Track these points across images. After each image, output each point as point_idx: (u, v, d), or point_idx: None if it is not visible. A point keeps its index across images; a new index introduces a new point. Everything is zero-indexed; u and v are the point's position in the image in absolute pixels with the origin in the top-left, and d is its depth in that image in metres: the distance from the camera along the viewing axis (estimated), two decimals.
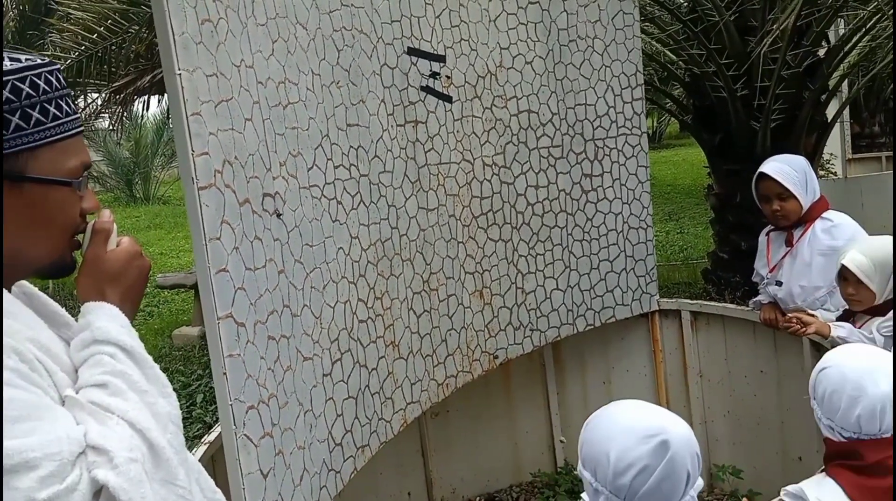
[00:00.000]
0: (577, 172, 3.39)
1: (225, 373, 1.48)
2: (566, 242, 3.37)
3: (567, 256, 3.37)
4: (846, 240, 2.69)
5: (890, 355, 1.55)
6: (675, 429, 1.27)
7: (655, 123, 23.52)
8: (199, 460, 1.78)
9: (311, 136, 2.08)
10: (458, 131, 2.96)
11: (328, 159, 2.20)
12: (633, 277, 3.54)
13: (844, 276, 2.44)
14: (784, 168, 2.88)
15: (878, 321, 2.42)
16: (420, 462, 3.58)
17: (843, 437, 1.48)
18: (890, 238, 2.42)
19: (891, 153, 9.01)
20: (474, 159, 3.03)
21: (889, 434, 1.44)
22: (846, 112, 8.41)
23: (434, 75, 2.85)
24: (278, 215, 1.79)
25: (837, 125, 7.80)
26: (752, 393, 3.22)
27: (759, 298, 3.10)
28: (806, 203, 2.85)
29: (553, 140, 3.32)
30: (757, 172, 2.94)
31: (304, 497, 1.83)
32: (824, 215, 2.84)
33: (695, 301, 3.60)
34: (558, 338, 3.37)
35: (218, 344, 1.46)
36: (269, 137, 1.82)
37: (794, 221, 2.87)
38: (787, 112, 4.75)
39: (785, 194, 2.83)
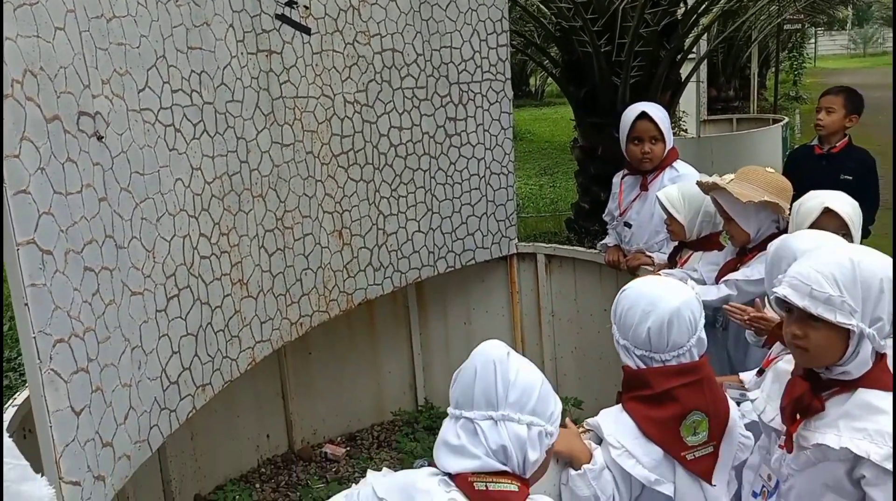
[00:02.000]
0: (442, 116, 3.38)
1: (27, 304, 1.36)
2: (429, 185, 3.38)
3: (430, 199, 3.39)
4: None
5: (687, 287, 1.68)
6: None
7: (537, 82, 24.02)
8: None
9: (142, 55, 1.93)
10: (317, 65, 2.86)
11: (164, 82, 2.06)
12: (494, 221, 3.62)
13: (663, 208, 2.62)
14: (659, 113, 3.02)
15: (704, 257, 2.61)
16: (280, 403, 3.54)
17: (636, 359, 1.59)
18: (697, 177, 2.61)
19: (741, 115, 9.69)
20: (334, 95, 2.95)
21: (674, 362, 1.56)
22: (704, 75, 8.94)
23: (291, 4, 2.72)
24: (99, 138, 1.66)
25: (692, 87, 8.28)
26: (596, 330, 3.42)
27: (606, 240, 3.27)
28: (667, 149, 3.00)
29: (418, 81, 3.29)
30: (635, 114, 3.01)
31: (130, 435, 1.75)
32: (674, 164, 3.00)
33: (549, 245, 3.74)
34: (419, 279, 3.41)
35: (18, 273, 1.34)
36: (88, 51, 1.66)
37: (655, 165, 3.01)
38: (645, 69, 4.95)
39: (657, 137, 2.97)
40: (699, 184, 2.52)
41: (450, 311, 3.84)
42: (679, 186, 2.70)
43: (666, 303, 1.56)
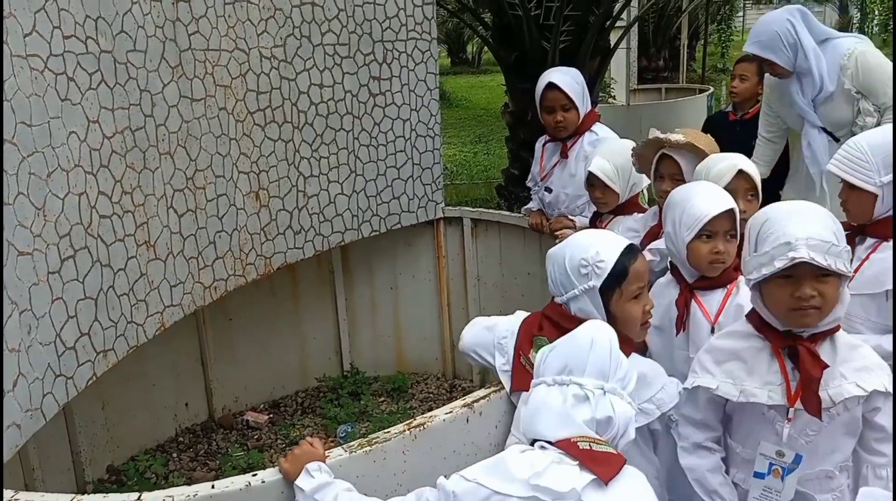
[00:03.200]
0: (365, 74, 3.29)
1: None
2: (352, 146, 3.29)
3: (353, 160, 3.30)
4: None
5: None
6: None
7: (474, 49, 23.86)
8: None
9: None
10: (229, 16, 2.72)
11: (55, 27, 1.90)
12: (420, 184, 3.57)
13: (591, 181, 2.61)
14: (568, 80, 2.99)
15: (622, 222, 2.64)
16: (200, 371, 3.44)
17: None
18: (628, 142, 2.61)
19: (670, 85, 9.87)
20: (249, 49, 2.82)
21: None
22: (634, 44, 9.04)
23: None
24: None
25: (623, 55, 8.37)
26: (521, 294, 3.44)
27: (529, 205, 3.27)
28: (582, 114, 2.99)
29: (339, 38, 3.18)
30: (544, 84, 3.00)
31: (20, 403, 1.65)
32: (593, 127, 3.00)
33: (475, 209, 3.72)
34: (342, 243, 3.34)
35: None
36: None
37: (571, 132, 3.00)
38: (574, 35, 4.94)
39: (568, 105, 2.95)
40: (661, 140, 2.47)
41: (376, 275, 3.79)
42: (608, 157, 2.62)
43: (584, 251, 1.66)
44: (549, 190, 3.09)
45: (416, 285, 3.78)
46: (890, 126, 2.15)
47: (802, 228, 1.46)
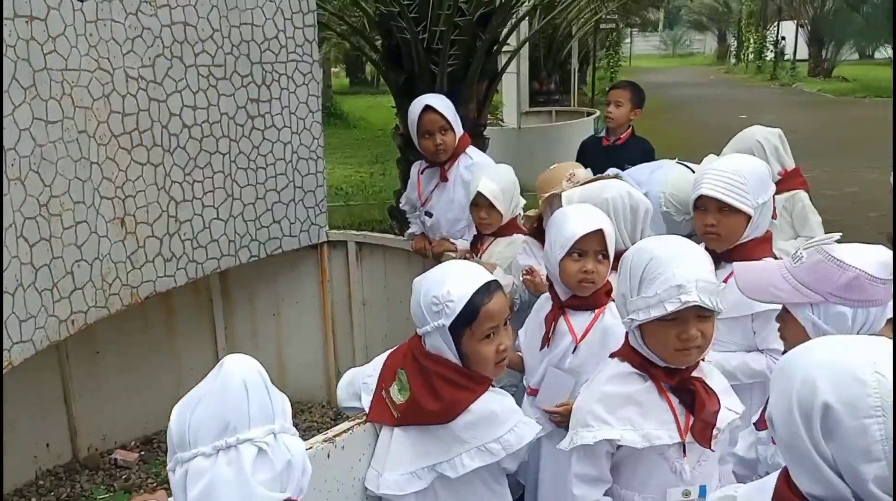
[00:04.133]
0: (243, 96, 3.21)
1: None
2: (229, 169, 3.19)
3: (230, 184, 3.21)
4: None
5: (474, 266, 1.72)
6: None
7: (373, 69, 23.89)
8: None
9: None
10: (91, 35, 2.59)
11: None
12: (303, 208, 3.51)
13: (477, 202, 2.65)
14: (443, 103, 3.03)
15: (500, 243, 2.70)
16: (62, 408, 3.22)
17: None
18: (509, 168, 2.69)
19: (560, 108, 10.23)
20: (114, 70, 2.69)
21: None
22: (525, 68, 9.32)
23: None
24: None
25: (514, 79, 8.61)
26: (405, 317, 3.39)
27: (412, 229, 3.28)
28: (458, 138, 3.03)
29: (214, 58, 3.09)
30: (420, 108, 3.02)
31: None
32: (467, 150, 3.05)
33: (360, 232, 3.70)
34: (219, 270, 3.22)
35: None
36: None
37: (450, 155, 3.04)
38: (461, 58, 5.04)
39: (446, 127, 2.98)
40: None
41: (258, 302, 3.68)
42: (494, 179, 2.67)
43: (440, 286, 1.65)
44: (429, 214, 3.12)
45: (299, 310, 3.70)
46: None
47: (691, 270, 1.48)
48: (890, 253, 1.53)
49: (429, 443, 1.64)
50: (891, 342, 0.92)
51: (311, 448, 1.58)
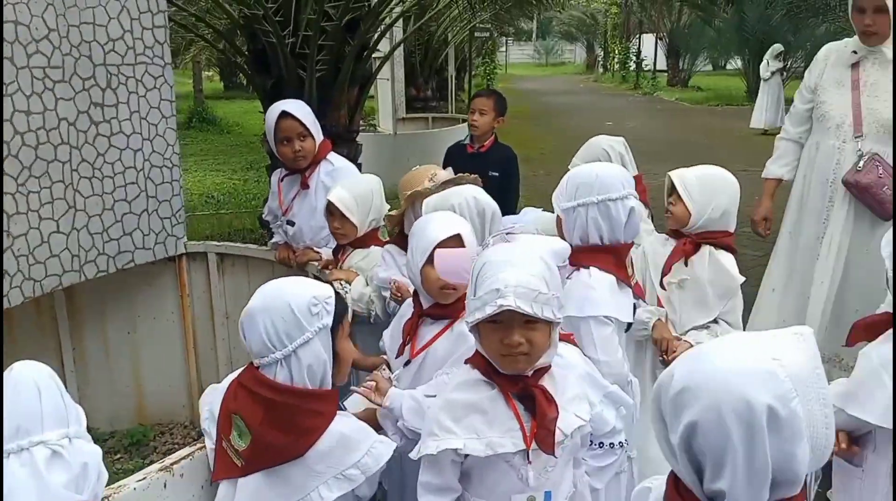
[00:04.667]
0: (84, 100, 2.99)
1: None
2: (70, 178, 2.97)
3: (72, 195, 2.98)
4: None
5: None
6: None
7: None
8: None
9: None
10: None
11: None
12: (157, 219, 3.32)
13: (330, 210, 2.61)
14: (300, 108, 2.97)
15: (357, 254, 2.67)
16: None
17: None
18: (370, 178, 2.66)
19: (436, 114, 10.35)
20: None
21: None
22: (401, 74, 9.35)
23: None
24: None
25: (389, 85, 8.62)
26: None
27: (275, 239, 3.19)
28: (317, 143, 2.97)
29: (51, 60, 2.86)
30: (276, 114, 2.94)
31: None
32: (328, 157, 3.00)
33: (221, 243, 3.56)
34: (61, 287, 2.98)
35: None
36: None
37: (310, 161, 2.97)
38: (330, 64, 4.97)
39: (305, 133, 2.91)
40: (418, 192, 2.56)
41: (110, 320, 3.45)
42: (348, 188, 2.65)
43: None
44: (291, 223, 3.04)
45: (158, 327, 3.50)
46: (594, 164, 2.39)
47: (513, 274, 1.47)
48: (560, 242, 1.75)
49: (279, 486, 1.52)
50: (737, 331, 1.02)
51: (144, 478, 1.47)
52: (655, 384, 1.08)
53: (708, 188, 2.37)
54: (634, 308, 2.17)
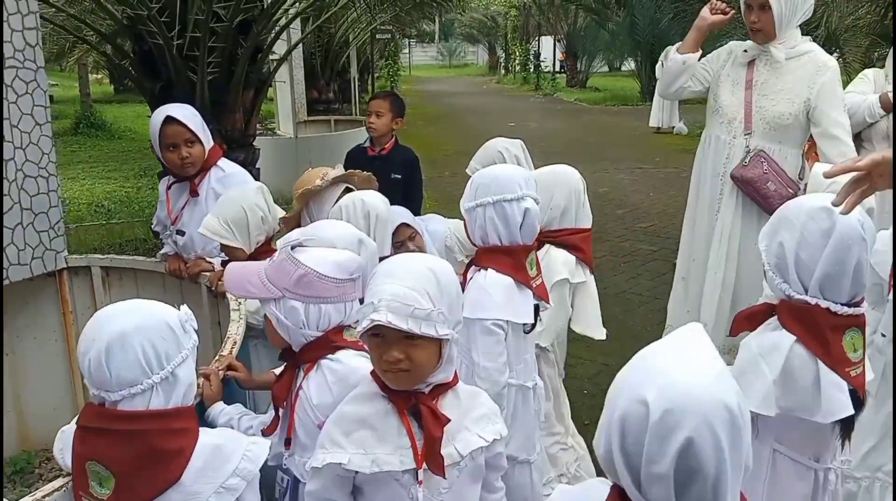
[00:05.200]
0: None
1: None
2: None
3: None
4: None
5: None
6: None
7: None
8: None
9: None
10: None
11: None
12: (33, 232, 3.10)
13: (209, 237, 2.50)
14: (187, 113, 2.85)
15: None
16: None
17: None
18: (241, 194, 2.56)
19: (338, 117, 10.23)
20: None
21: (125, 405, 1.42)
22: (300, 76, 9.19)
23: None
24: None
25: (288, 87, 8.46)
26: None
27: (164, 250, 3.06)
28: (206, 149, 2.86)
29: None
30: (161, 119, 2.82)
31: None
32: (218, 163, 2.91)
33: (105, 256, 3.38)
34: None
35: None
36: None
37: (199, 168, 2.86)
38: (223, 66, 4.82)
39: (192, 139, 2.80)
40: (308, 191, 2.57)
41: None
42: (217, 214, 2.50)
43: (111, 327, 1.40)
44: (181, 233, 2.92)
45: (39, 347, 3.28)
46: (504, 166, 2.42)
47: (390, 287, 1.41)
48: (346, 254, 1.71)
49: None
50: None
51: None
52: (615, 418, 1.00)
53: (543, 187, 2.33)
54: (538, 309, 2.18)
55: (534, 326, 2.19)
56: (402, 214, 2.62)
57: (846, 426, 1.63)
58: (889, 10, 8.19)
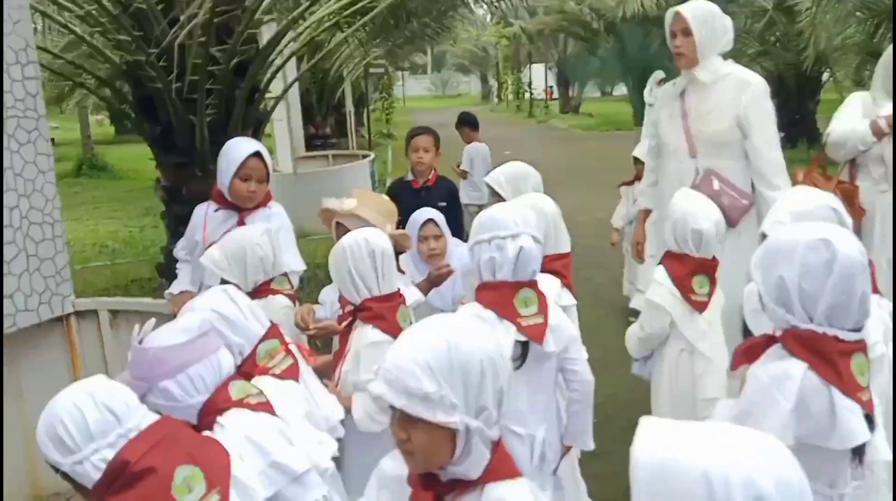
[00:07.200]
0: None
1: None
2: None
3: None
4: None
5: None
6: None
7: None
8: None
9: None
10: None
11: None
12: (40, 278, 3.14)
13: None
14: (267, 153, 2.98)
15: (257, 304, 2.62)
16: None
17: None
18: (245, 232, 2.60)
19: (336, 151, 10.35)
20: None
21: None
22: (298, 113, 9.32)
23: None
24: None
25: (286, 125, 8.57)
26: None
27: (171, 288, 3.09)
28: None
29: None
30: (251, 151, 2.89)
31: None
32: (269, 203, 2.99)
33: (112, 299, 3.41)
34: None
35: None
36: None
37: (255, 203, 2.93)
38: (221, 108, 4.90)
39: (264, 179, 2.91)
40: (328, 211, 2.64)
41: None
42: (221, 246, 2.55)
43: None
44: None
45: (49, 392, 3.23)
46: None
47: (396, 353, 1.26)
48: (187, 316, 1.75)
49: None
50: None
51: None
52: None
53: None
54: (526, 346, 2.08)
55: (522, 363, 2.09)
56: (432, 213, 2.95)
57: (859, 450, 1.62)
58: (878, 29, 8.31)
